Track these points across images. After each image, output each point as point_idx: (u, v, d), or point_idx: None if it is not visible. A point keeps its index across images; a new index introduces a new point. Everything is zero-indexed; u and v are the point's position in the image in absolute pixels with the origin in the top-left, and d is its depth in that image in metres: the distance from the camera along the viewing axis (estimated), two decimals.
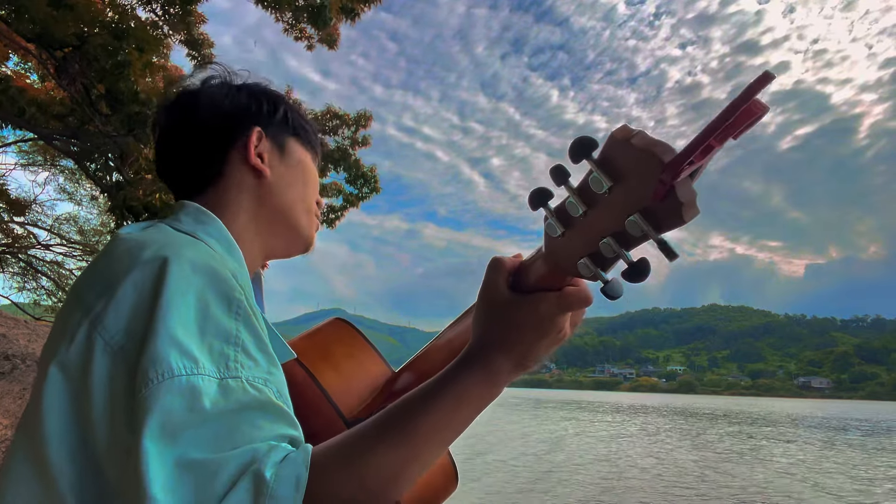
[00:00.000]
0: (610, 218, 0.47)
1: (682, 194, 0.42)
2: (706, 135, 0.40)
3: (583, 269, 0.50)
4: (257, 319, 0.60)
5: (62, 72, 7.31)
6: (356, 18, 8.50)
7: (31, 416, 0.56)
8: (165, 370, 0.50)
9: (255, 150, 0.78)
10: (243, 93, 0.81)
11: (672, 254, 0.43)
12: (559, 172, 0.50)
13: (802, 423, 41.27)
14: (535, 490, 11.60)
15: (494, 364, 0.57)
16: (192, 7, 7.80)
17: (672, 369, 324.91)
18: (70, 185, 15.92)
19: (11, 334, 9.08)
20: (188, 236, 0.65)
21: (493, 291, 0.57)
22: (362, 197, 11.92)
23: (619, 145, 0.45)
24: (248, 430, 0.51)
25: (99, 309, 0.56)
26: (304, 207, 0.83)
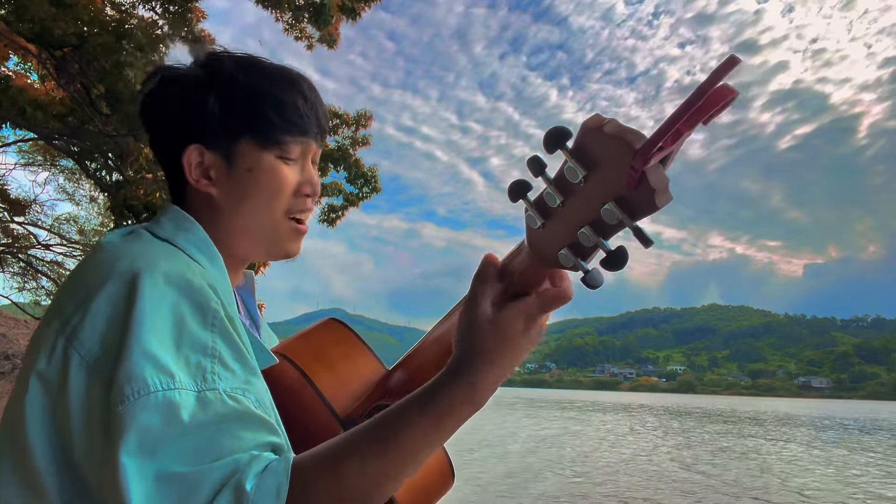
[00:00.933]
0: (586, 207, 0.48)
1: (653, 180, 0.43)
2: (674, 120, 0.40)
3: (563, 260, 0.50)
4: (235, 328, 0.60)
5: (62, 71, 7.31)
6: (357, 18, 8.50)
7: (14, 425, 0.56)
8: (141, 387, 0.50)
9: (200, 169, 0.71)
10: (176, 100, 0.72)
11: (647, 241, 0.44)
12: (536, 163, 0.50)
13: (793, 422, 41.49)
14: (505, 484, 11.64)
15: (479, 379, 0.56)
16: (191, 4, 7.80)
17: (672, 369, 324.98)
18: (70, 185, 15.94)
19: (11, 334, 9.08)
20: (166, 244, 0.64)
21: (480, 306, 0.56)
22: (362, 197, 11.92)
23: (592, 134, 0.46)
24: (228, 441, 0.51)
25: (75, 322, 0.55)
26: (263, 223, 0.73)
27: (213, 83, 0.71)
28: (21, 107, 7.71)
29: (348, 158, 11.39)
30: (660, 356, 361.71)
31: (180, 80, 0.73)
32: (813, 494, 12.33)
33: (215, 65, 0.73)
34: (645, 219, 0.45)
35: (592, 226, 0.47)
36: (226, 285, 0.69)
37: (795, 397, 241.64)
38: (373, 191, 11.94)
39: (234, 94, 0.71)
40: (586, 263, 0.50)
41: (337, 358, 0.94)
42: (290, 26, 8.73)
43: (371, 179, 11.72)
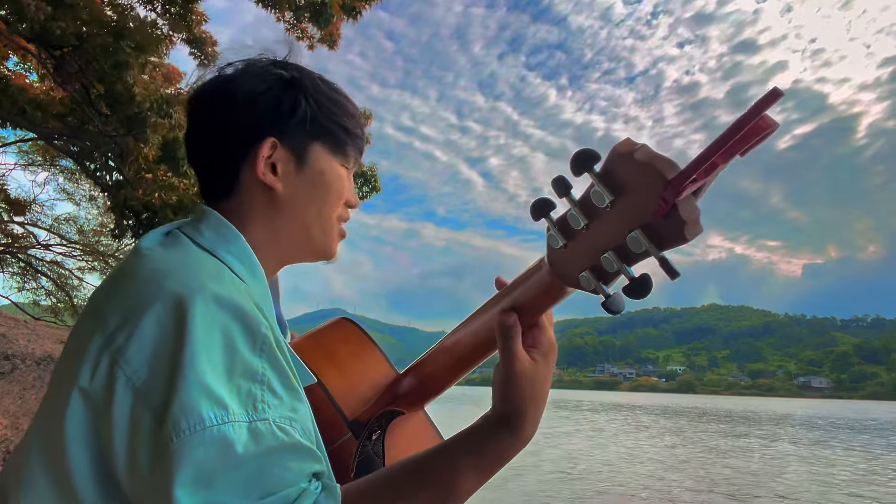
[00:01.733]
0: (611, 232, 0.47)
1: (684, 212, 0.42)
2: (711, 152, 0.39)
3: (584, 282, 0.50)
4: (282, 352, 0.60)
5: (61, 71, 7.31)
6: (358, 17, 8.50)
7: (55, 440, 0.55)
8: (197, 421, 0.50)
9: (268, 163, 0.72)
10: (260, 94, 0.73)
11: (674, 273, 0.43)
12: (561, 184, 0.49)
13: (785, 421, 41.87)
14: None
15: (529, 424, 0.61)
16: (192, 6, 7.80)
17: (672, 369, 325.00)
18: (70, 185, 15.94)
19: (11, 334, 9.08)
20: (209, 257, 0.64)
21: (517, 363, 0.60)
22: (362, 196, 11.93)
23: (622, 159, 0.45)
24: (278, 472, 0.52)
25: (121, 341, 0.55)
26: (322, 222, 0.76)
27: (304, 86, 0.74)
28: (21, 107, 7.71)
29: None
30: (660, 356, 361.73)
31: (267, 76, 0.74)
32: (785, 491, 12.52)
33: (302, 70, 0.76)
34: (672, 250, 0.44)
35: (616, 251, 0.47)
36: (269, 302, 0.69)
37: (796, 397, 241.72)
38: (372, 190, 11.95)
39: (321, 101, 0.75)
40: (607, 287, 0.49)
41: (346, 358, 0.93)
42: (292, 26, 8.73)
43: (371, 179, 11.73)
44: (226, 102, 0.73)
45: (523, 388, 0.60)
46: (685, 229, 0.42)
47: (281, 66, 0.76)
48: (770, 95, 0.37)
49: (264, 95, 0.73)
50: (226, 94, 0.73)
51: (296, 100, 0.73)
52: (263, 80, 0.73)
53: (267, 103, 0.72)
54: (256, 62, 0.76)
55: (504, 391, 0.60)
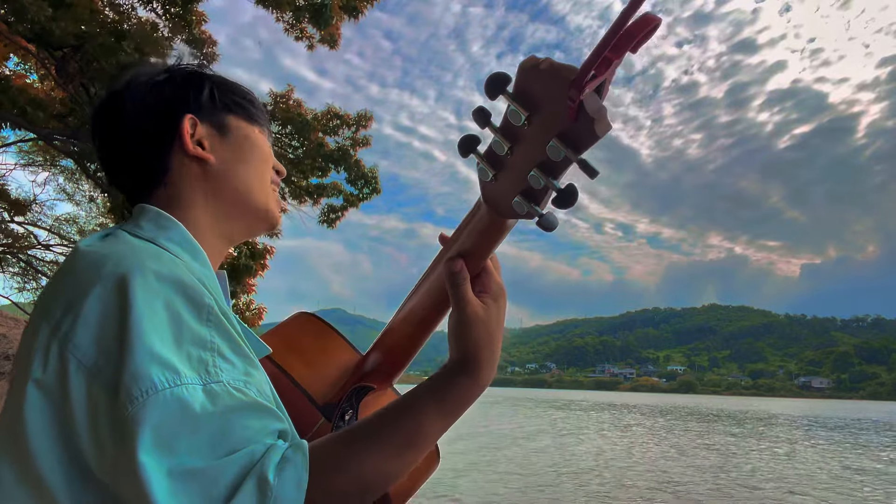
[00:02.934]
0: (532, 149, 0.48)
1: (591, 109, 0.44)
2: (602, 47, 0.41)
3: (518, 208, 0.51)
4: (229, 322, 0.61)
5: (61, 71, 7.32)
6: (359, 16, 8.50)
7: (16, 433, 0.55)
8: (149, 386, 0.51)
9: (193, 139, 0.75)
10: (166, 83, 0.77)
11: (593, 171, 0.45)
12: (481, 114, 0.51)
13: (774, 421, 42.16)
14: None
15: (486, 367, 0.63)
16: (192, 6, 7.80)
17: (672, 369, 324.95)
18: (70, 186, 15.95)
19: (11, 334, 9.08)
20: (149, 244, 0.65)
21: (469, 306, 0.62)
22: (363, 197, 11.92)
23: (530, 74, 0.47)
24: (239, 431, 0.52)
25: (66, 327, 0.55)
26: (258, 183, 0.80)
27: (205, 75, 0.81)
28: (21, 107, 7.71)
29: (349, 159, 11.39)
30: (660, 356, 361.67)
31: (169, 71, 0.80)
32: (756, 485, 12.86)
33: (198, 66, 0.83)
34: (589, 150, 0.46)
35: (540, 167, 0.48)
36: (213, 280, 0.70)
37: (796, 397, 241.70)
38: (373, 191, 11.93)
39: (224, 83, 0.81)
40: (540, 208, 0.50)
41: (309, 348, 0.95)
42: (291, 26, 8.73)
43: (371, 180, 11.72)
44: (135, 97, 0.76)
45: (477, 333, 0.62)
46: (595, 126, 0.44)
47: (174, 64, 0.82)
48: None
49: (170, 82, 0.78)
50: (133, 91, 0.76)
51: (200, 80, 0.79)
52: (165, 72, 0.79)
53: (175, 87, 0.78)
54: (146, 65, 0.81)
55: (458, 337, 0.62)
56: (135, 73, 0.78)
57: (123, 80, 0.78)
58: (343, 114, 11.48)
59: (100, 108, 0.78)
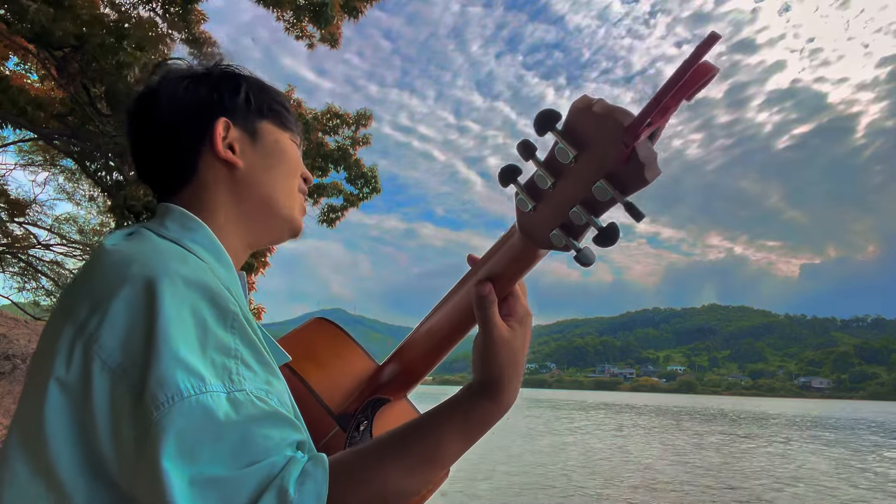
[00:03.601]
0: (577, 186, 0.49)
1: (643, 155, 0.44)
2: (661, 96, 0.42)
3: (555, 240, 0.52)
4: (252, 329, 0.61)
5: (61, 71, 7.31)
6: (359, 16, 8.50)
7: (34, 432, 0.55)
8: (175, 393, 0.51)
9: (224, 142, 0.75)
10: (202, 84, 0.77)
11: (639, 214, 0.45)
12: (526, 147, 0.51)
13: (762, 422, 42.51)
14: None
15: (509, 390, 0.63)
16: (192, 6, 7.80)
17: (672, 369, 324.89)
18: (70, 185, 15.94)
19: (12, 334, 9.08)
20: (175, 246, 0.64)
21: (496, 330, 0.62)
22: (363, 197, 11.91)
23: (581, 114, 0.47)
24: (261, 442, 0.52)
25: (92, 328, 0.55)
26: (285, 191, 0.79)
27: (241, 77, 0.80)
28: (21, 107, 7.70)
29: (348, 158, 11.38)
30: (660, 356, 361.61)
31: (204, 69, 0.80)
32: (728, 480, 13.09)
33: (236, 67, 0.82)
34: (635, 194, 0.46)
35: (584, 204, 0.49)
36: (237, 284, 0.70)
37: (796, 397, 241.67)
38: (373, 191, 11.93)
39: (261, 87, 0.81)
40: (578, 242, 0.51)
41: (327, 355, 0.95)
42: (292, 25, 8.73)
43: (371, 179, 11.71)
44: (170, 96, 0.76)
45: (502, 356, 0.61)
46: (645, 171, 0.44)
47: (212, 64, 0.82)
48: (708, 40, 0.39)
49: (205, 82, 0.78)
50: (168, 89, 0.76)
51: (236, 83, 0.79)
52: (203, 72, 0.79)
53: (210, 88, 0.77)
54: (182, 64, 0.81)
55: (484, 359, 0.62)
56: (170, 71, 0.78)
57: (158, 77, 0.78)
58: (343, 113, 11.48)
59: (135, 104, 0.78)
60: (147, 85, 0.78)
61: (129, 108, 0.79)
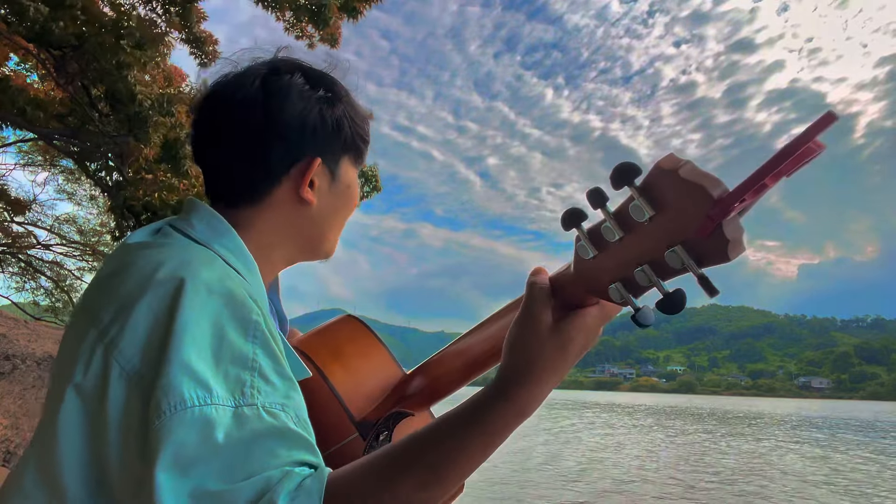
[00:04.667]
0: (648, 246, 0.46)
1: (729, 231, 0.42)
2: (763, 173, 0.39)
3: (614, 294, 0.50)
4: (275, 341, 0.59)
5: (61, 71, 7.31)
6: (358, 17, 8.49)
7: (46, 437, 0.55)
8: (178, 402, 0.49)
9: (309, 180, 0.71)
10: (308, 110, 0.71)
11: (713, 290, 0.43)
12: (597, 196, 0.49)
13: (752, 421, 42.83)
14: None
15: (535, 394, 0.56)
16: (192, 4, 7.79)
17: (672, 369, 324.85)
18: (70, 185, 15.94)
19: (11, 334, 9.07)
20: (204, 250, 0.63)
21: (538, 318, 0.56)
22: (363, 196, 11.93)
23: (665, 175, 0.45)
24: (263, 457, 0.50)
25: (114, 333, 0.54)
26: (338, 230, 0.79)
27: (343, 105, 0.74)
28: (21, 107, 7.69)
29: None
30: (660, 356, 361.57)
31: (312, 95, 0.72)
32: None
33: (339, 86, 0.76)
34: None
35: (652, 265, 0.46)
36: (262, 295, 0.68)
37: (796, 398, 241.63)
38: (373, 190, 11.95)
39: (355, 118, 0.76)
40: (636, 300, 0.49)
41: (354, 356, 0.92)
42: (291, 26, 8.72)
43: (372, 178, 11.73)
44: (270, 119, 0.69)
45: (533, 350, 0.55)
46: (728, 248, 0.42)
47: (323, 82, 0.74)
48: (823, 120, 0.37)
49: (313, 117, 0.71)
50: (269, 111, 0.69)
51: (339, 119, 0.73)
52: (309, 100, 0.71)
53: (315, 125, 0.71)
54: (293, 72, 0.73)
55: (511, 348, 0.57)
56: (278, 85, 0.70)
57: (262, 86, 0.70)
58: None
59: (221, 105, 0.71)
60: (241, 79, 0.71)
61: (210, 105, 0.72)
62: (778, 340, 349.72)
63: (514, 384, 0.56)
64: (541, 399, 0.56)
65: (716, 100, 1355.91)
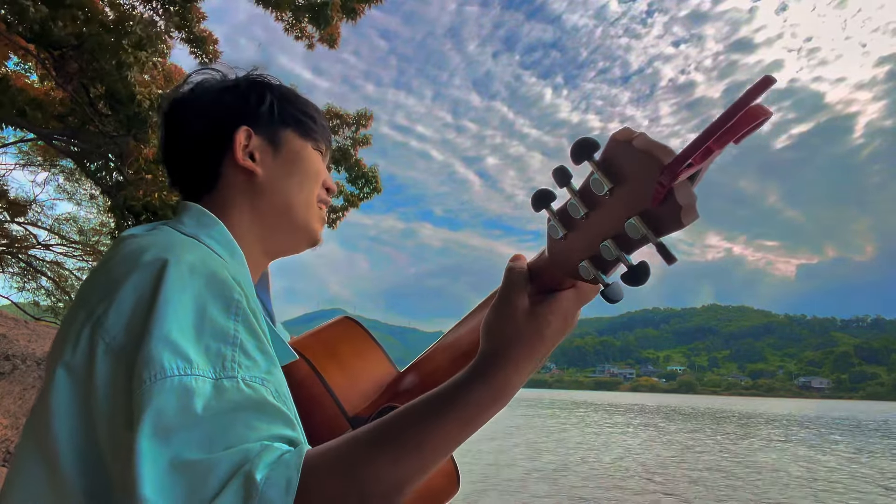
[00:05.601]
0: (610, 220, 0.47)
1: (681, 197, 0.42)
2: (705, 137, 0.39)
3: (583, 272, 0.50)
4: (258, 320, 0.60)
5: (60, 71, 7.31)
6: (357, 18, 8.49)
7: (39, 418, 0.56)
8: (158, 371, 0.51)
9: (245, 150, 0.77)
10: (228, 92, 0.80)
11: (671, 257, 0.43)
12: (561, 174, 0.49)
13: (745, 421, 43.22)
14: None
15: (511, 375, 0.56)
16: (191, 4, 7.79)
17: (672, 369, 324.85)
18: (70, 185, 15.93)
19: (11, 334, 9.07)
20: (190, 239, 0.66)
21: (515, 300, 0.56)
22: (363, 197, 11.91)
23: (621, 147, 0.45)
24: (241, 430, 0.51)
25: (100, 312, 0.56)
26: (303, 201, 0.81)
27: (269, 86, 0.82)
28: (21, 107, 7.70)
29: (349, 159, 11.38)
30: (660, 356, 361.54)
31: (233, 79, 0.82)
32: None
33: (264, 75, 0.84)
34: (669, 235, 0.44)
35: (615, 239, 0.47)
36: (248, 280, 0.70)
37: (796, 398, 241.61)
38: (374, 191, 11.92)
39: (286, 96, 0.82)
40: (606, 277, 0.49)
41: (349, 356, 0.94)
42: (291, 26, 8.72)
43: (372, 179, 11.71)
44: (197, 104, 0.79)
45: (508, 331, 0.55)
46: (682, 214, 0.42)
47: (244, 74, 0.84)
48: (762, 83, 0.37)
49: (231, 91, 0.80)
50: (196, 98, 0.80)
51: (261, 92, 0.81)
52: (230, 80, 0.82)
53: (235, 97, 0.80)
54: (217, 72, 0.83)
55: (487, 329, 0.57)
56: (202, 80, 0.81)
57: (190, 85, 0.81)
58: (343, 113, 11.47)
59: (167, 110, 0.81)
60: (179, 92, 0.81)
61: (163, 114, 0.82)
62: (778, 340, 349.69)
63: (491, 367, 0.56)
64: (517, 382, 0.56)
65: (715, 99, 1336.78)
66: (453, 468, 0.90)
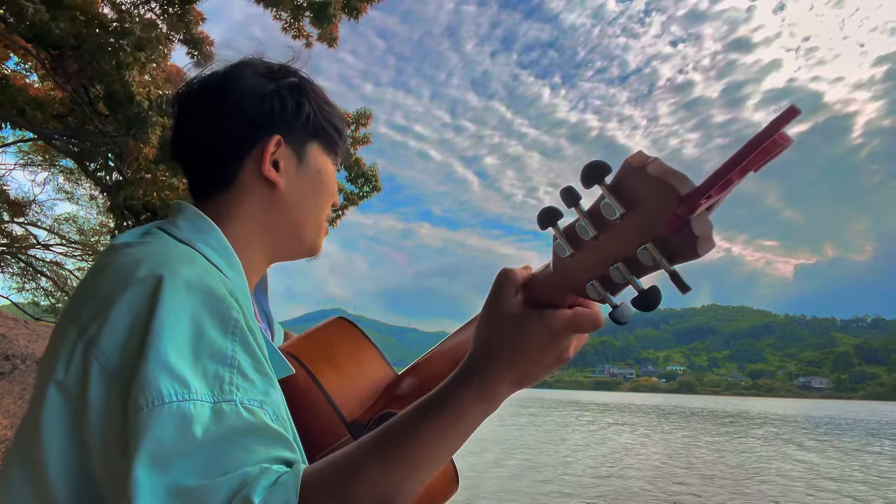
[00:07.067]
0: (621, 244, 0.46)
1: (697, 228, 0.41)
2: (728, 169, 0.39)
3: (591, 292, 0.50)
4: (255, 338, 0.59)
5: (60, 71, 7.31)
6: (359, 16, 8.48)
7: (30, 434, 0.55)
8: (155, 397, 0.49)
9: (271, 159, 0.74)
10: (267, 95, 0.75)
11: (684, 286, 0.43)
12: (570, 194, 0.49)
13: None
14: None
15: (494, 382, 0.55)
16: (190, 6, 7.79)
17: (672, 369, 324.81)
18: (69, 185, 15.92)
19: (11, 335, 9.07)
20: (186, 247, 0.64)
21: (501, 305, 0.56)
22: (363, 196, 11.92)
23: (634, 172, 0.44)
24: (240, 454, 0.50)
25: (93, 330, 0.55)
26: (316, 218, 0.79)
27: (307, 89, 0.78)
28: (20, 107, 7.69)
29: (349, 158, 11.37)
30: (660, 356, 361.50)
31: (275, 76, 0.77)
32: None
33: (302, 75, 0.80)
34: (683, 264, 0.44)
35: (626, 263, 0.46)
36: (245, 292, 0.68)
37: (796, 398, 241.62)
38: (373, 190, 11.93)
39: (320, 103, 0.79)
40: (614, 298, 0.49)
41: (345, 359, 0.92)
42: (289, 25, 8.71)
43: (371, 178, 11.72)
44: (232, 96, 0.73)
45: (500, 336, 0.55)
46: (697, 244, 0.42)
47: (283, 69, 0.78)
48: (787, 113, 0.37)
49: (270, 96, 0.75)
50: (231, 88, 0.74)
51: (300, 101, 0.77)
52: (269, 81, 0.76)
53: (273, 103, 0.75)
54: (255, 62, 0.77)
55: (479, 333, 0.57)
56: (239, 70, 0.76)
57: (225, 72, 0.75)
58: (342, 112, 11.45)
59: (192, 94, 0.76)
60: (210, 76, 0.76)
61: (185, 96, 0.76)
62: (778, 340, 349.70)
63: (477, 370, 0.55)
64: (501, 389, 0.55)
65: (713, 99, 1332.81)
66: (451, 467, 0.90)
